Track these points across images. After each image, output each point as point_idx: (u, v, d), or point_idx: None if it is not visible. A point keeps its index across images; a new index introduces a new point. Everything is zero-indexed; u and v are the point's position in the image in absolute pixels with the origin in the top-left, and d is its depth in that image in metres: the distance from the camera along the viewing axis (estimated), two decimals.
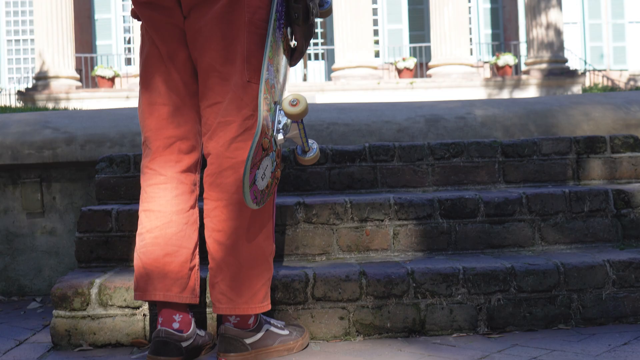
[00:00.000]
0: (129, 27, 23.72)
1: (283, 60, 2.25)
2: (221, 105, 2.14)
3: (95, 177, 3.42)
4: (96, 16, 23.71)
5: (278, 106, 2.17)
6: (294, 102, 2.09)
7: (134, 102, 19.43)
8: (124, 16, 23.86)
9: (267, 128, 2.07)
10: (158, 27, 2.21)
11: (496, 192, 3.12)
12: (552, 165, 3.43)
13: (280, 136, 2.13)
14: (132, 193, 3.19)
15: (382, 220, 2.90)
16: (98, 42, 23.66)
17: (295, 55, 2.30)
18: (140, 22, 2.32)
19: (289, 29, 2.26)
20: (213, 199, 2.16)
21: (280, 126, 2.14)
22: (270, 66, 2.12)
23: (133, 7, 2.28)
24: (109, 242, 2.85)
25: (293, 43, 2.31)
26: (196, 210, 2.31)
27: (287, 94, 2.21)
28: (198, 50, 2.17)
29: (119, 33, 23.82)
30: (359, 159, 3.33)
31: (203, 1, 2.12)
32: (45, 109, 14.18)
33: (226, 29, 2.12)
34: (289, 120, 2.15)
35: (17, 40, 24.49)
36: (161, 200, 2.22)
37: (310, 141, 2.26)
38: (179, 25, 2.19)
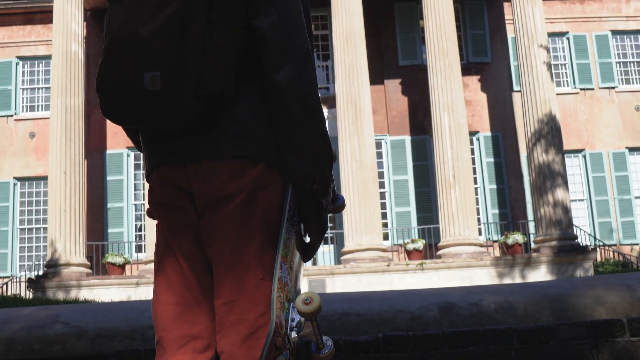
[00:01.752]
0: (141, 215, 24.14)
1: (296, 256, 2.26)
2: (235, 303, 2.14)
3: None
4: (109, 205, 24.19)
5: (291, 304, 2.17)
6: (307, 301, 2.09)
7: (143, 289, 19.42)
8: (135, 204, 24.34)
9: (280, 327, 2.06)
10: (173, 228, 2.26)
11: None
12: (571, 351, 3.36)
13: (294, 334, 2.11)
14: None
15: None
16: (110, 230, 23.99)
17: (308, 251, 2.31)
18: (156, 222, 2.36)
19: (302, 225, 2.29)
20: None
21: (294, 324, 2.12)
22: (284, 264, 2.14)
23: (149, 207, 2.34)
24: None
25: (306, 239, 2.33)
26: None
27: (299, 284, 2.21)
28: (212, 249, 2.19)
29: (131, 221, 24.21)
30: (373, 350, 3.27)
31: (216, 202, 2.16)
32: (57, 301, 14.18)
33: (240, 229, 2.15)
34: (303, 318, 2.14)
35: (30, 229, 24.87)
36: None
37: (324, 338, 2.24)
38: (193, 225, 2.23)
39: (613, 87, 26.83)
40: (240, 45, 2.17)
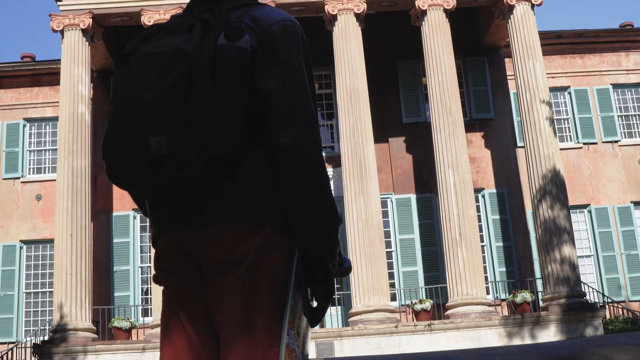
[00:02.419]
0: (147, 278, 24.04)
1: (303, 321, 2.24)
2: None
3: None
4: (115, 268, 24.11)
5: None
6: None
7: (150, 355, 19.27)
8: (141, 267, 24.26)
9: None
10: (179, 293, 2.24)
11: None
12: None
13: None
14: None
15: None
16: (116, 294, 23.86)
17: (315, 316, 2.28)
18: (162, 287, 2.35)
19: (309, 290, 2.28)
20: None
21: None
22: (291, 330, 2.12)
23: (155, 273, 2.33)
24: None
25: (313, 303, 2.31)
26: None
27: (307, 348, 2.19)
28: (219, 316, 2.18)
29: (137, 284, 24.08)
30: None
31: (223, 267, 2.16)
32: None
33: (247, 295, 2.14)
34: None
35: (36, 293, 24.77)
36: None
37: None
38: (200, 290, 2.22)
39: (616, 141, 26.92)
40: (245, 109, 2.19)
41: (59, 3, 22.45)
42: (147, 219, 2.34)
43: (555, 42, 27.43)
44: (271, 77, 2.22)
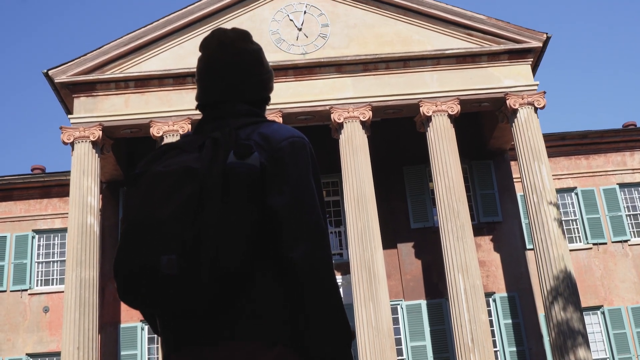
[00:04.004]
0: None
1: None
2: None
3: None
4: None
5: None
6: None
7: None
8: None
9: None
10: None
11: None
12: None
13: None
14: None
15: None
16: None
17: None
18: None
19: None
20: None
21: None
22: None
23: None
24: None
25: None
26: None
27: None
28: None
29: None
30: None
31: None
32: None
33: None
34: None
35: None
36: None
37: None
38: None
39: (625, 241, 26.79)
40: (255, 225, 2.20)
41: (69, 116, 22.86)
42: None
43: (560, 144, 27.69)
44: (281, 194, 2.24)
